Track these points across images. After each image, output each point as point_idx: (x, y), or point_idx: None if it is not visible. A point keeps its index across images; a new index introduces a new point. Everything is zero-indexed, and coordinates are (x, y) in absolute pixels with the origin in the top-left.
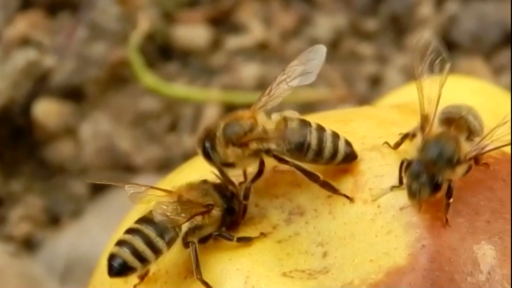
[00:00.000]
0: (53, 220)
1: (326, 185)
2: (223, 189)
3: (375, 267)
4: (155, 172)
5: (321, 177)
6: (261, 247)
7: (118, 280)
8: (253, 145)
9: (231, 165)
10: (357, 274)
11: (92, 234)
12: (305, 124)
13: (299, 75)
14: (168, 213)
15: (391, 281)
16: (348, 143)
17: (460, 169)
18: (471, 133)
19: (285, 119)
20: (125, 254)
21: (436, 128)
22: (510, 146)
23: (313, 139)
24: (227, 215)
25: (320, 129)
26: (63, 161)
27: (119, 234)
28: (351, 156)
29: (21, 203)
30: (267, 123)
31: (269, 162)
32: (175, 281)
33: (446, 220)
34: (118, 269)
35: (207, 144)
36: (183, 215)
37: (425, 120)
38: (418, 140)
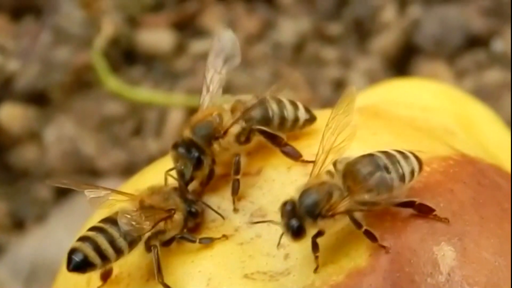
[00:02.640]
0: (18, 224)
1: (288, 147)
2: (185, 192)
3: (336, 269)
4: (120, 176)
5: (285, 140)
6: (223, 249)
7: (80, 282)
8: (238, 126)
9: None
10: (318, 275)
11: (57, 238)
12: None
13: (224, 62)
14: (133, 222)
15: (352, 283)
16: (307, 109)
17: (324, 224)
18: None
19: (239, 101)
20: (87, 249)
21: (329, 175)
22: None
23: (273, 106)
24: (190, 218)
25: (276, 98)
26: (27, 165)
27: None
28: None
29: None
30: (226, 110)
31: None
32: (138, 283)
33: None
34: (78, 264)
35: (195, 153)
36: (147, 223)
37: (316, 164)
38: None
